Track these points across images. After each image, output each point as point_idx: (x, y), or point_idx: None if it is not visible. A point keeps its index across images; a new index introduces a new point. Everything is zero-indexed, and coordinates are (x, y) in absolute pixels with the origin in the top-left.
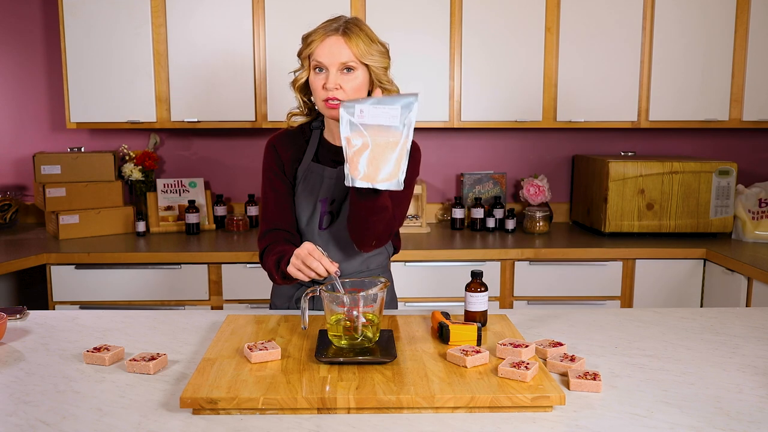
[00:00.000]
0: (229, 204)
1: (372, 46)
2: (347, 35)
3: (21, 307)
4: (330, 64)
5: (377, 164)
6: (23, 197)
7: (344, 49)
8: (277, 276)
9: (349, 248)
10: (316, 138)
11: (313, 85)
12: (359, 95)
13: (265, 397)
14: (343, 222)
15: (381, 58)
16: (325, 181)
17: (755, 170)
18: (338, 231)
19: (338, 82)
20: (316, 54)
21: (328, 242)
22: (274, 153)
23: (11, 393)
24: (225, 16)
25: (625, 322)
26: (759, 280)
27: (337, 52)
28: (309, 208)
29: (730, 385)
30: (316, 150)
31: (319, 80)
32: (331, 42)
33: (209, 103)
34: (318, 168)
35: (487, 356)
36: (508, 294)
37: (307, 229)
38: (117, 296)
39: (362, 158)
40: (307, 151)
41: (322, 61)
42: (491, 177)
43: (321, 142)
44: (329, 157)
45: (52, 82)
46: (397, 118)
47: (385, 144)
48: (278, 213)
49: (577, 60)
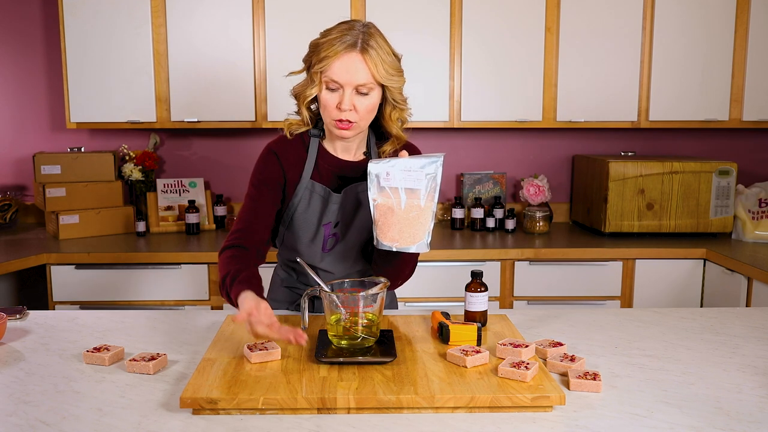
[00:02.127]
0: (229, 204)
1: (391, 64)
2: (366, 52)
3: (21, 307)
4: (346, 84)
5: (403, 227)
6: (23, 197)
7: (362, 68)
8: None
9: (352, 265)
10: (315, 148)
11: (324, 103)
12: (371, 114)
13: (265, 397)
14: (347, 242)
15: (399, 78)
16: (330, 206)
17: (755, 170)
18: (342, 251)
19: (353, 103)
20: (332, 72)
21: (331, 262)
22: (276, 162)
23: (11, 393)
24: (225, 16)
25: (625, 322)
26: (759, 280)
27: (354, 71)
28: (311, 230)
29: (730, 385)
30: (315, 161)
31: (332, 99)
32: (349, 60)
33: (209, 103)
34: (321, 190)
35: (487, 356)
36: (508, 294)
37: (309, 250)
38: (117, 296)
39: (389, 221)
40: (307, 163)
41: (338, 80)
42: (491, 177)
43: (321, 152)
44: (330, 171)
45: (52, 82)
46: (422, 181)
47: (410, 207)
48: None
49: (577, 60)
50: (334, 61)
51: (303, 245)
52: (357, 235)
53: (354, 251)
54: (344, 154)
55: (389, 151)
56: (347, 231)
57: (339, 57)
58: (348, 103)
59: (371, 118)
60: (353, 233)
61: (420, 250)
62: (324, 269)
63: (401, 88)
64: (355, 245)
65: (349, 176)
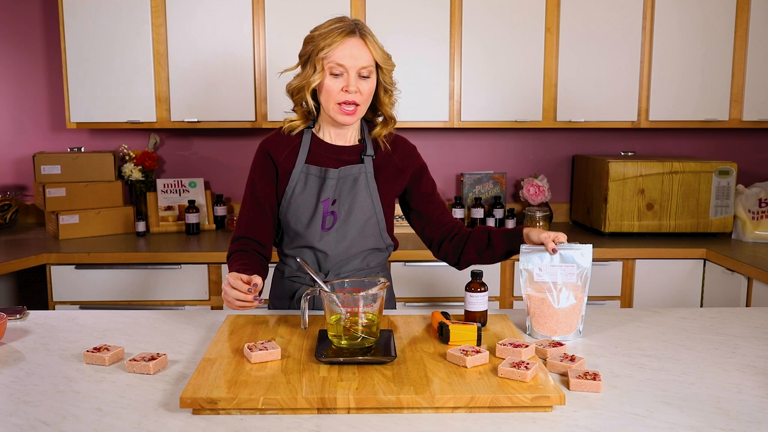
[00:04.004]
0: (229, 204)
1: (383, 49)
2: (365, 36)
3: (21, 307)
4: (351, 67)
5: (560, 319)
6: (23, 197)
7: (364, 51)
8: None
9: (352, 247)
10: (308, 137)
11: (328, 88)
12: (371, 98)
13: (265, 397)
14: (346, 221)
15: (390, 61)
16: (327, 182)
17: (755, 170)
18: (342, 230)
19: (357, 86)
20: (336, 57)
21: (331, 242)
22: (266, 158)
23: (11, 393)
24: (225, 16)
25: (625, 322)
26: (759, 280)
27: (357, 54)
28: (309, 209)
29: (730, 385)
30: (309, 149)
31: (337, 84)
32: (352, 44)
33: (209, 103)
34: (317, 170)
35: (487, 356)
36: (508, 294)
37: (309, 231)
38: (117, 296)
39: (545, 314)
40: (300, 152)
41: (344, 64)
42: (491, 177)
43: (314, 140)
44: (327, 156)
45: (52, 82)
46: (574, 275)
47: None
48: (253, 222)
49: (577, 60)
50: (338, 46)
51: (302, 225)
52: (355, 215)
53: (353, 231)
54: (339, 140)
55: (383, 135)
56: (344, 210)
57: (342, 42)
58: (354, 85)
59: (369, 101)
60: (351, 213)
61: (571, 339)
62: (323, 250)
63: (392, 72)
64: (353, 225)
65: (345, 159)
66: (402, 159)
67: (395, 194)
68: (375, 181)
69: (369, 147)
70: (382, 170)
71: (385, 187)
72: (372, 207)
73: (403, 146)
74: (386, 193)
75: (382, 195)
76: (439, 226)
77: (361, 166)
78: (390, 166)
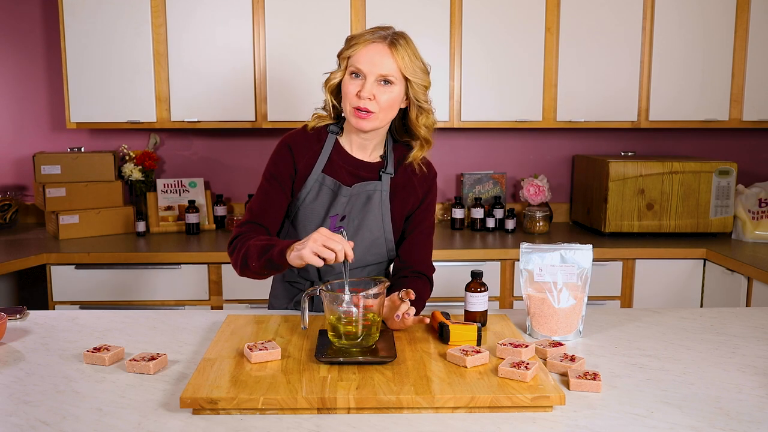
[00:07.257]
0: (229, 204)
1: (416, 62)
2: (394, 46)
3: (21, 307)
4: (369, 72)
5: (560, 319)
6: (23, 197)
7: (387, 59)
8: (255, 262)
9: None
10: (330, 144)
11: (345, 89)
12: (391, 110)
13: (265, 397)
14: (353, 238)
15: (424, 76)
16: (339, 198)
17: (755, 170)
18: None
19: (373, 92)
20: (356, 59)
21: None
22: (289, 155)
23: (11, 393)
24: (225, 16)
25: (625, 322)
26: (759, 280)
27: (378, 61)
28: (316, 221)
29: (730, 385)
30: (329, 157)
31: (353, 86)
32: (375, 49)
33: (209, 103)
34: (332, 183)
35: (487, 356)
36: (508, 294)
37: None
38: (117, 296)
39: (545, 314)
40: (320, 158)
41: (361, 68)
42: (491, 177)
43: (336, 148)
44: (345, 169)
45: (52, 82)
46: (574, 275)
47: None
48: (266, 212)
49: (577, 60)
50: (361, 48)
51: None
52: (362, 233)
53: (359, 249)
54: (360, 152)
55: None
56: (353, 227)
57: (366, 45)
58: (368, 92)
59: (391, 115)
60: (359, 231)
61: (571, 339)
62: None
63: (426, 88)
64: (360, 243)
65: (362, 175)
66: (421, 183)
67: (406, 215)
68: (390, 201)
69: (390, 164)
70: (400, 191)
71: (398, 208)
72: (381, 227)
73: (428, 170)
74: (398, 213)
75: (394, 215)
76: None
77: (378, 184)
78: (408, 188)
